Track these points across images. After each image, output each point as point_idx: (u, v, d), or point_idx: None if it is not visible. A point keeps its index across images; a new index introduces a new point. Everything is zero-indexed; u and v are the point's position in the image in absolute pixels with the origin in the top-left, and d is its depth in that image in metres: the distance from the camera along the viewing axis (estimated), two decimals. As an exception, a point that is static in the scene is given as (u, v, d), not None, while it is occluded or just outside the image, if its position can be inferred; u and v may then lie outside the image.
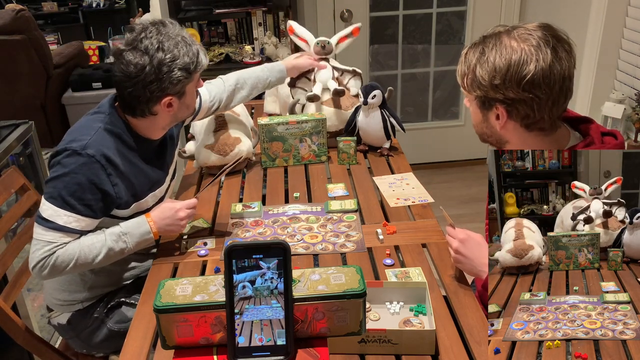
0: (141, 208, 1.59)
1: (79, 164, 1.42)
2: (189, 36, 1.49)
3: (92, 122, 1.51)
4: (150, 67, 1.41)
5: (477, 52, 1.21)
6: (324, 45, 2.15)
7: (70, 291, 1.64)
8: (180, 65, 1.44)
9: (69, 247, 1.44)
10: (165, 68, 1.42)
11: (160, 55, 1.41)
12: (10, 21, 3.52)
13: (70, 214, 1.42)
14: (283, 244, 0.97)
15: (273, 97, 2.46)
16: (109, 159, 1.46)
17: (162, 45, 1.42)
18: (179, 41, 1.45)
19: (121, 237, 1.49)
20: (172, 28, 1.47)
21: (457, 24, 3.66)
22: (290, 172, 2.04)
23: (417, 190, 1.86)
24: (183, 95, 1.51)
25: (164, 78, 1.43)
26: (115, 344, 1.64)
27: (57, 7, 6.49)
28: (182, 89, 1.49)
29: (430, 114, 3.89)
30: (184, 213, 1.55)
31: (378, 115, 2.05)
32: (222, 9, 3.35)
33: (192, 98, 1.56)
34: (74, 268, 1.46)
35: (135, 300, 1.62)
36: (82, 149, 1.43)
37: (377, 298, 1.32)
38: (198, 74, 1.53)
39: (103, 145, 1.46)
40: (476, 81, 1.21)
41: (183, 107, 1.55)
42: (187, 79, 1.47)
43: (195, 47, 1.48)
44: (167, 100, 1.47)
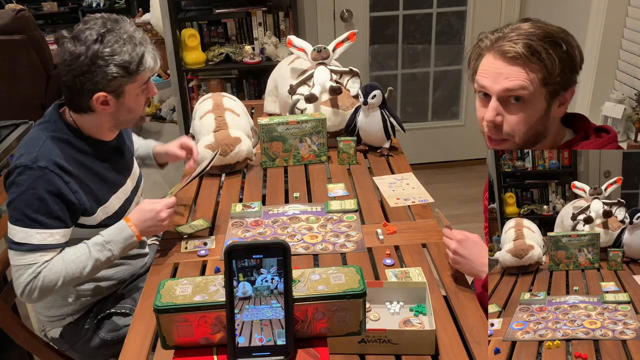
0: (108, 212, 1.56)
1: (33, 179, 1.38)
2: (141, 37, 1.44)
3: (38, 133, 1.47)
4: (85, 57, 1.37)
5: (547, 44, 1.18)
6: (320, 50, 2.20)
7: (57, 306, 1.63)
8: (117, 62, 1.38)
9: (53, 266, 1.41)
10: (100, 61, 1.37)
11: (97, 47, 1.37)
12: (10, 21, 3.52)
13: (42, 231, 1.39)
14: (283, 244, 0.97)
15: (273, 97, 2.46)
16: (62, 167, 1.42)
17: (102, 38, 1.38)
18: (124, 39, 1.40)
19: (105, 246, 1.47)
20: (124, 25, 1.42)
21: (457, 24, 3.66)
22: (290, 172, 2.04)
23: (417, 190, 1.86)
24: (121, 95, 1.44)
25: (97, 71, 1.38)
26: (112, 350, 1.63)
27: (57, 7, 6.50)
28: (119, 88, 1.42)
29: (430, 114, 3.89)
30: (165, 214, 1.53)
31: (378, 115, 2.05)
32: (222, 9, 3.34)
33: (135, 102, 1.49)
34: (63, 285, 1.43)
35: (125, 309, 1.62)
36: (32, 162, 1.39)
37: (377, 298, 1.32)
38: (143, 78, 1.46)
39: (53, 154, 1.42)
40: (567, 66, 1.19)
41: (123, 110, 1.48)
42: (124, 77, 1.41)
43: (142, 49, 1.43)
44: (102, 97, 1.41)
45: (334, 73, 2.21)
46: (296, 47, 2.26)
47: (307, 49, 2.23)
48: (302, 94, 2.15)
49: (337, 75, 2.24)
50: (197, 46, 3.30)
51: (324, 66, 2.19)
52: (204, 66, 3.34)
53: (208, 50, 3.37)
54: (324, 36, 3.48)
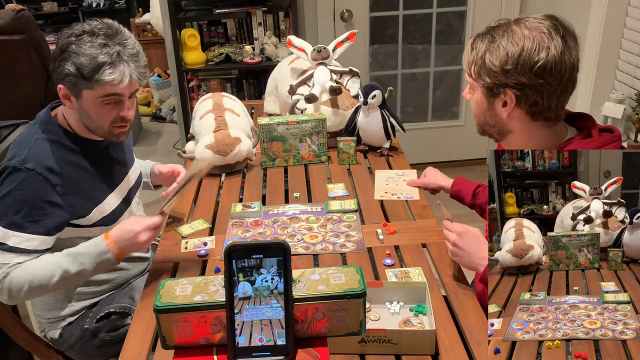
0: (104, 212, 1.55)
1: (19, 181, 1.38)
2: (129, 52, 1.41)
3: (30, 134, 1.47)
4: (59, 47, 1.40)
5: (485, 40, 1.21)
6: (320, 50, 2.20)
7: (57, 309, 1.63)
8: (75, 60, 1.37)
9: (23, 269, 1.39)
10: (65, 54, 1.38)
11: (70, 41, 1.38)
12: (10, 21, 3.52)
13: (19, 234, 1.38)
14: (283, 244, 0.97)
15: (273, 97, 2.46)
16: (51, 169, 1.42)
17: (79, 35, 1.38)
18: (102, 44, 1.37)
19: (77, 258, 1.41)
20: (120, 38, 1.41)
21: (457, 24, 3.66)
22: (290, 172, 2.04)
23: (409, 188, 1.86)
24: (79, 97, 1.42)
25: (61, 62, 1.39)
26: (112, 350, 1.63)
27: (57, 7, 6.50)
28: (75, 87, 1.40)
29: (430, 114, 3.89)
30: (144, 236, 1.40)
31: (378, 115, 2.05)
32: (222, 9, 3.35)
33: (95, 111, 1.44)
34: (30, 291, 1.39)
35: (125, 309, 1.61)
36: (20, 164, 1.39)
37: (377, 298, 1.32)
38: (104, 89, 1.40)
39: (43, 156, 1.42)
40: (485, 68, 1.21)
41: (83, 113, 1.45)
42: (77, 78, 1.38)
43: (105, 59, 1.36)
44: (63, 89, 1.42)
45: (334, 73, 2.22)
46: (296, 47, 2.26)
47: (307, 49, 2.23)
48: (302, 94, 2.15)
49: (337, 75, 2.24)
50: (197, 46, 3.30)
51: (324, 66, 2.19)
52: (204, 66, 3.34)
53: (208, 51, 3.37)
54: (324, 36, 3.48)
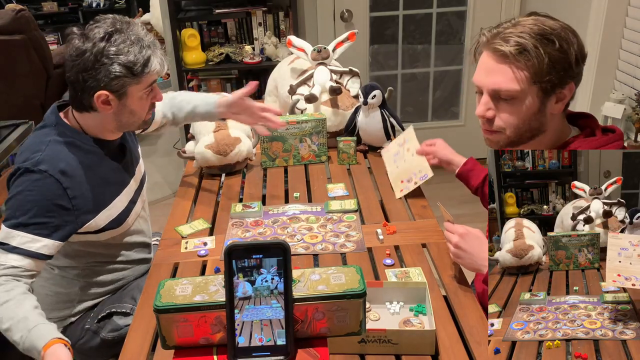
0: (111, 216, 1.55)
1: (31, 182, 1.38)
2: (151, 41, 1.44)
3: (41, 137, 1.46)
4: (90, 54, 1.36)
5: (538, 41, 1.17)
6: (320, 50, 2.20)
7: (58, 309, 1.63)
8: (122, 61, 1.37)
9: None
10: (105, 59, 1.37)
11: (103, 45, 1.37)
12: (10, 21, 3.52)
13: (24, 234, 1.37)
14: (283, 244, 0.97)
15: (273, 97, 2.46)
16: (64, 171, 1.41)
17: (109, 37, 1.37)
18: (132, 40, 1.39)
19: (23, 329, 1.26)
20: (134, 28, 1.42)
21: (457, 24, 3.66)
22: (290, 172, 2.04)
23: (417, 160, 1.86)
24: (124, 96, 1.43)
25: (100, 69, 1.37)
26: (112, 350, 1.63)
27: (57, 7, 6.49)
28: (122, 88, 1.41)
29: (430, 114, 3.89)
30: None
31: (378, 115, 2.05)
32: (222, 9, 3.34)
33: (139, 105, 1.47)
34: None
35: (126, 309, 1.61)
36: (34, 165, 1.39)
37: (377, 298, 1.32)
38: (148, 80, 1.45)
39: (57, 158, 1.42)
40: (559, 63, 1.17)
41: (125, 111, 1.47)
42: (127, 77, 1.40)
43: (148, 52, 1.42)
44: (103, 96, 1.40)
45: (334, 73, 2.22)
46: (296, 47, 2.27)
47: (307, 49, 2.23)
48: (302, 94, 2.15)
49: (337, 75, 2.24)
50: (197, 46, 3.30)
51: (324, 66, 2.19)
52: (204, 66, 3.34)
53: (208, 51, 3.37)
54: (324, 36, 3.48)
